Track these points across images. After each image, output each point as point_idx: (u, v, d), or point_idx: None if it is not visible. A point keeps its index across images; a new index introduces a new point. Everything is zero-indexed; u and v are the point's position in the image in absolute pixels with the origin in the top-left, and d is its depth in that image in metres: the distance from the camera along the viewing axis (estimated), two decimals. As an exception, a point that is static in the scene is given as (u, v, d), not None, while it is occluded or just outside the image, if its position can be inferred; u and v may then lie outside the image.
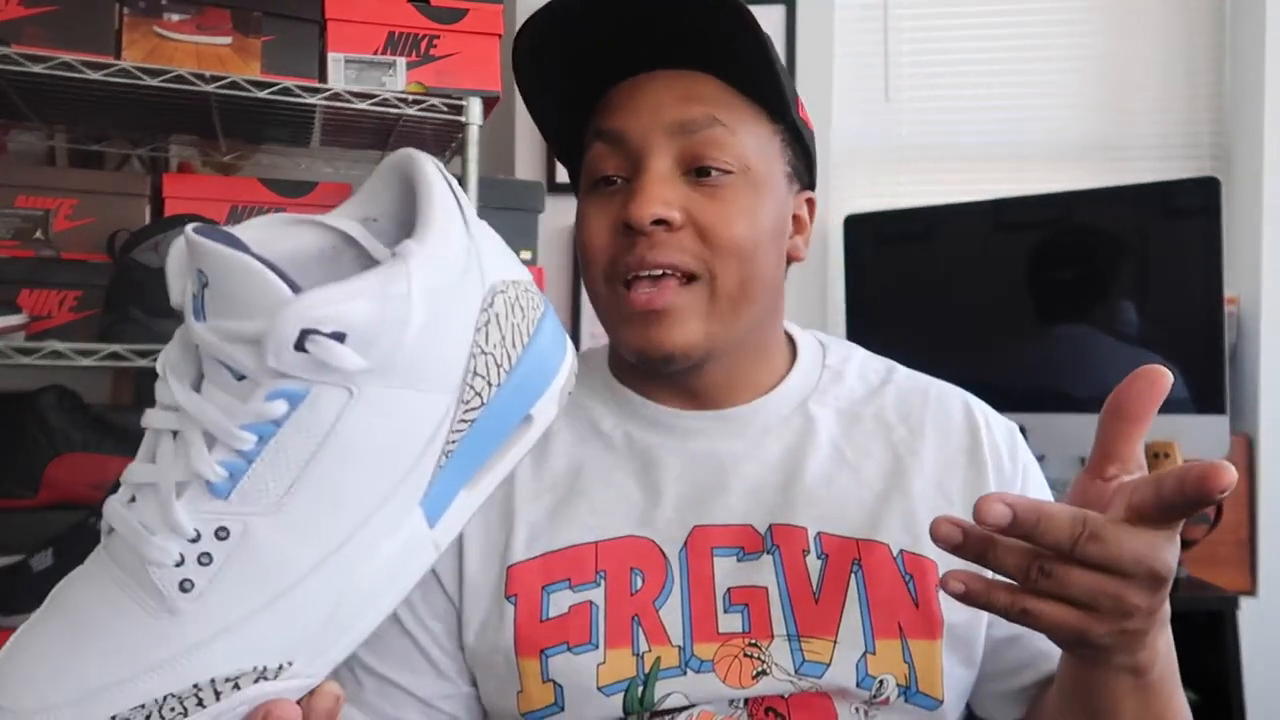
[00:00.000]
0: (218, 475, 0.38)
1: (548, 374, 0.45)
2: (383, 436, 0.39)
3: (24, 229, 1.42)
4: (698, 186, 0.66)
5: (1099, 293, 1.79)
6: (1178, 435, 1.67)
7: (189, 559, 0.37)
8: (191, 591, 0.37)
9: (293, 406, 0.38)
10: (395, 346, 0.38)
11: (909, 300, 1.96)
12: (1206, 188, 1.68)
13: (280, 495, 0.38)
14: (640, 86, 0.68)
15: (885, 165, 2.20)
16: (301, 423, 0.38)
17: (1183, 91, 2.12)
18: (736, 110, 0.67)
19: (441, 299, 0.40)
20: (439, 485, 0.42)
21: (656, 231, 0.64)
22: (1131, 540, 0.45)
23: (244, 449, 0.38)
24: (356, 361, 0.37)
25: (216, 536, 0.37)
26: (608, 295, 0.68)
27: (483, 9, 1.45)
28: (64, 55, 1.24)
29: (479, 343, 0.42)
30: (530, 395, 0.44)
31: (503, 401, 0.43)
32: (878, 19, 2.15)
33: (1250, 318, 1.98)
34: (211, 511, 0.37)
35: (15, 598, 1.15)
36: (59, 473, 1.25)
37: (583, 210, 0.70)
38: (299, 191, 1.53)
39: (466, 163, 1.42)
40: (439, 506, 0.42)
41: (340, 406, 0.38)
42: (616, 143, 0.67)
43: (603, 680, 0.63)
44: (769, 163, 0.69)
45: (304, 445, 0.38)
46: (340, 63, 1.38)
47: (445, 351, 0.41)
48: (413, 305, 0.38)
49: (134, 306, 1.30)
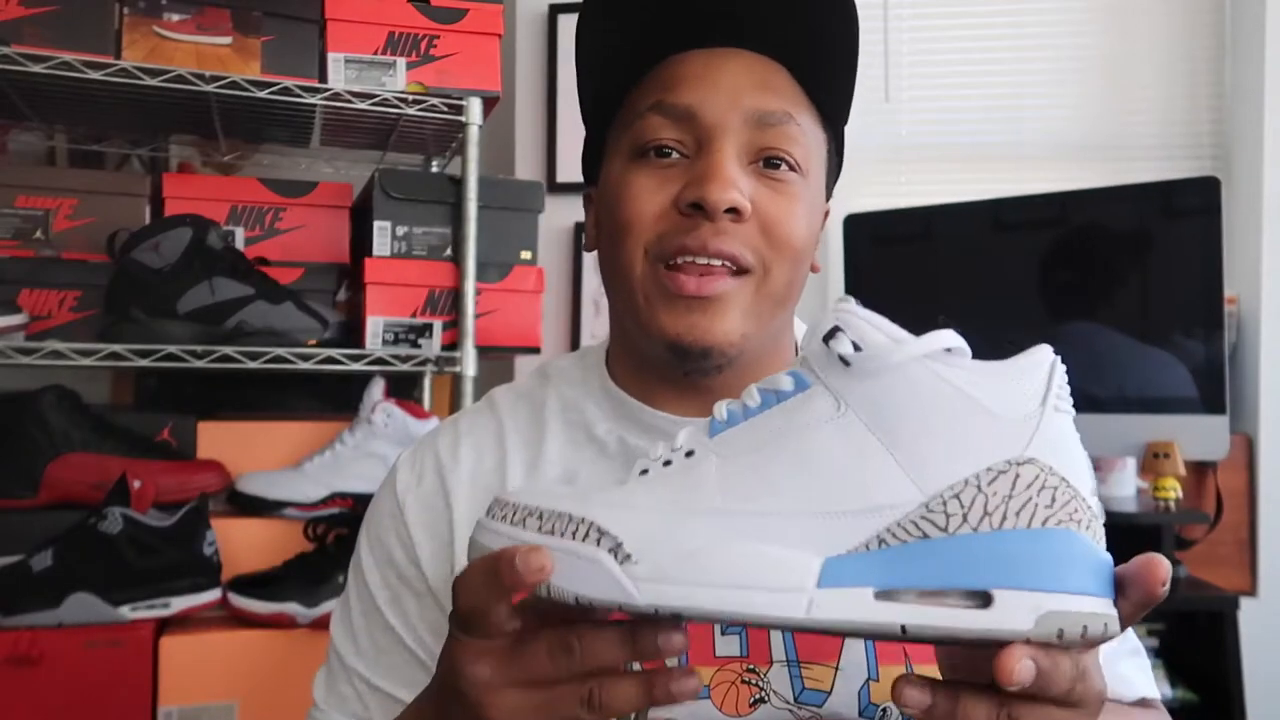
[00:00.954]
0: (721, 415, 0.45)
1: (1036, 577, 0.38)
2: (840, 467, 0.41)
3: (24, 229, 1.42)
4: (764, 179, 0.62)
5: (1099, 292, 1.79)
6: (1178, 435, 1.67)
7: (662, 458, 0.45)
8: (644, 476, 0.44)
9: (796, 389, 0.43)
10: (896, 391, 0.40)
11: (909, 300, 1.95)
12: (1206, 187, 1.68)
13: (742, 451, 0.43)
14: (715, 64, 0.62)
15: (885, 165, 2.20)
16: (792, 408, 0.43)
17: (1183, 91, 2.12)
18: (805, 111, 0.64)
19: (968, 411, 0.40)
20: (856, 562, 0.39)
21: (725, 219, 0.60)
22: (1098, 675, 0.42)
23: (750, 404, 0.44)
24: (848, 351, 0.41)
25: (686, 454, 0.44)
26: (647, 273, 0.62)
27: (483, 9, 1.45)
28: (64, 55, 1.24)
29: (980, 477, 0.39)
30: (1000, 576, 0.38)
31: (963, 551, 0.38)
32: (878, 19, 2.15)
33: (1250, 318, 1.98)
34: (699, 440, 0.44)
35: (15, 598, 1.15)
36: (59, 473, 1.25)
37: (626, 180, 0.63)
38: (299, 191, 1.54)
39: (466, 163, 1.42)
40: (838, 577, 0.39)
41: (824, 414, 0.42)
42: (684, 119, 0.62)
43: None
44: (820, 170, 0.66)
45: (781, 426, 0.42)
46: (340, 63, 1.38)
47: (942, 449, 0.40)
48: (937, 382, 0.40)
49: (134, 306, 1.30)
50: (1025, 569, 0.38)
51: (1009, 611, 0.37)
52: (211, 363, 1.29)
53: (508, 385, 0.77)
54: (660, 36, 0.63)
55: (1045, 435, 0.40)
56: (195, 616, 1.23)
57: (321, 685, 0.71)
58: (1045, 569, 0.38)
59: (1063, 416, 0.41)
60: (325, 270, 1.51)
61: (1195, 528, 1.86)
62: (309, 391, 1.62)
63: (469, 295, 1.42)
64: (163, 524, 1.20)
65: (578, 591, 0.41)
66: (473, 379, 1.41)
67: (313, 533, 1.30)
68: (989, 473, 0.39)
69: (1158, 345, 1.71)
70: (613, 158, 0.66)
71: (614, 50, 0.65)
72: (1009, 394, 0.40)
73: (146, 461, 1.28)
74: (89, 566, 1.16)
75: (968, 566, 0.38)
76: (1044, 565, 0.38)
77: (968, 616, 0.38)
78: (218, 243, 1.34)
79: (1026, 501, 0.39)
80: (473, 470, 0.69)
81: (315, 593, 1.24)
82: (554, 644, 0.43)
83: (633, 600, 0.40)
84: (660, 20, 0.62)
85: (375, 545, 0.71)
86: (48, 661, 1.13)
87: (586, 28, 0.67)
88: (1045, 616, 0.37)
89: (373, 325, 1.41)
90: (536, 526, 0.42)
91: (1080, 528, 0.39)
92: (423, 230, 1.44)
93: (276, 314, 1.36)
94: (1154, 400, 1.71)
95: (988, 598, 0.38)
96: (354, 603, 0.71)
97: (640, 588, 0.40)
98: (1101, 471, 1.80)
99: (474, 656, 0.44)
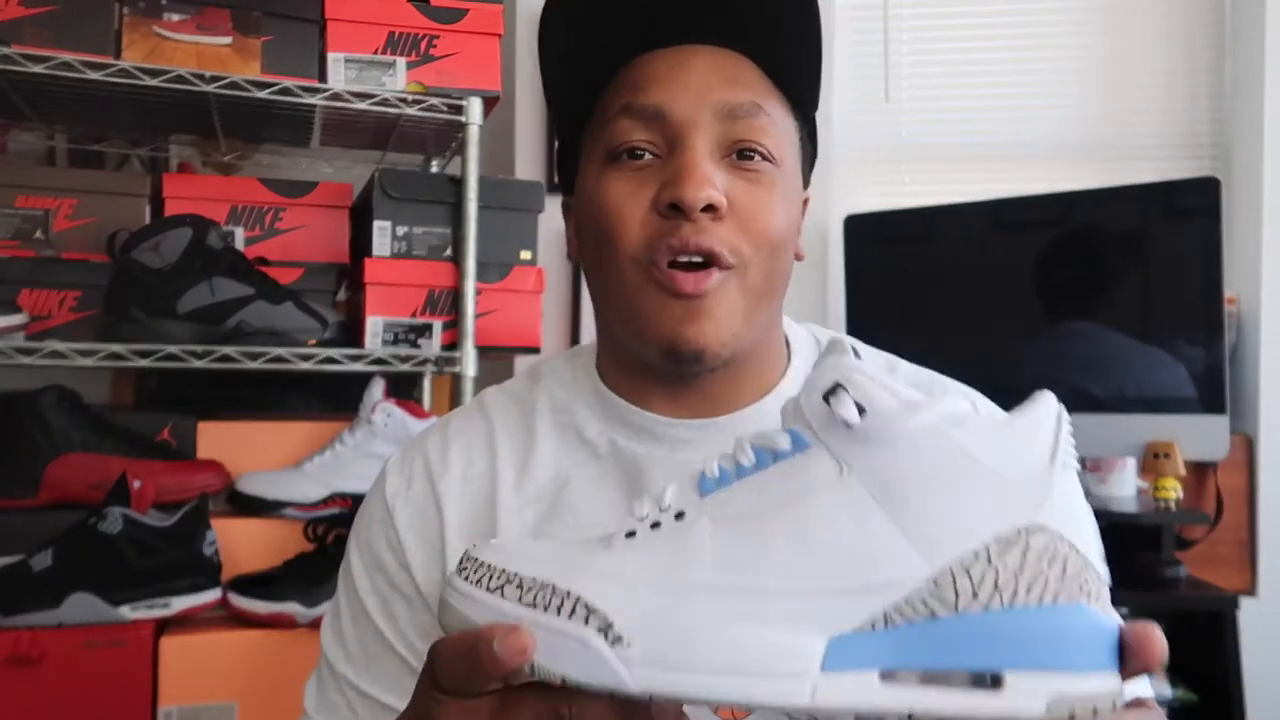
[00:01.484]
0: (712, 473, 0.42)
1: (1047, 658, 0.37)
2: (843, 539, 0.39)
3: (24, 229, 1.42)
4: (737, 171, 0.62)
5: (1099, 292, 1.79)
6: (1178, 435, 1.67)
7: (650, 519, 0.42)
8: (631, 539, 0.41)
9: (794, 450, 0.41)
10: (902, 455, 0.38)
11: (909, 300, 1.96)
12: (1206, 188, 1.68)
13: (737, 517, 0.40)
14: (681, 62, 0.62)
15: (885, 165, 2.20)
16: (790, 470, 0.40)
17: (1183, 91, 2.12)
18: (774, 101, 0.64)
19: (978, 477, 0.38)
20: (861, 642, 0.38)
21: (703, 217, 0.59)
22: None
23: (743, 461, 0.42)
24: (854, 418, 0.39)
25: (676, 515, 0.42)
26: (637, 280, 0.62)
27: (483, 9, 1.45)
28: (64, 55, 1.24)
29: (990, 549, 0.37)
30: (1016, 657, 0.37)
31: (973, 631, 0.37)
32: (878, 19, 2.15)
33: (1250, 318, 1.98)
34: (690, 499, 0.42)
35: (15, 598, 1.15)
36: (59, 473, 1.25)
37: (603, 185, 0.63)
38: (299, 191, 1.54)
39: (466, 162, 1.42)
40: (842, 660, 0.37)
41: (825, 480, 0.39)
42: (653, 119, 0.61)
43: None
44: (795, 159, 0.66)
45: (780, 491, 0.40)
46: (340, 63, 1.38)
47: (951, 520, 0.38)
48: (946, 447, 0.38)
49: (134, 306, 1.30)
50: (1036, 649, 0.37)
51: (1020, 695, 0.36)
52: (211, 363, 1.29)
53: (498, 386, 0.76)
54: (624, 39, 0.63)
55: (1055, 498, 0.39)
56: (195, 616, 1.23)
57: (312, 693, 0.71)
58: (1056, 649, 0.37)
59: (1070, 474, 0.40)
60: (325, 270, 1.51)
61: (1195, 528, 1.86)
62: (309, 391, 1.62)
63: (469, 295, 1.42)
64: (163, 524, 1.20)
65: (566, 673, 0.39)
66: (473, 379, 1.41)
67: (313, 533, 1.30)
68: (998, 543, 0.38)
69: (1158, 345, 1.71)
70: (588, 164, 0.65)
71: (580, 56, 0.65)
72: (1019, 454, 0.39)
73: (146, 461, 1.28)
74: (89, 566, 1.16)
75: (978, 647, 0.37)
76: (1055, 645, 0.37)
77: (978, 701, 0.37)
78: (218, 243, 1.34)
79: (1038, 575, 0.37)
80: (463, 473, 0.69)
81: (315, 593, 1.24)
82: (543, 712, 0.41)
83: (626, 686, 0.38)
84: (623, 23, 0.62)
85: (364, 551, 0.71)
86: (48, 661, 1.13)
87: (550, 34, 0.66)
88: (1057, 700, 0.36)
89: (372, 325, 1.41)
90: (517, 596, 0.40)
91: (1090, 600, 0.38)
92: (423, 230, 1.44)
93: (276, 314, 1.36)
94: (1154, 400, 1.71)
95: (998, 680, 0.37)
96: (343, 609, 0.71)
97: (634, 672, 0.38)
98: (1101, 471, 1.80)
99: (460, 711, 0.42)
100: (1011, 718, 0.36)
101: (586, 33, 0.63)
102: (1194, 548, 1.84)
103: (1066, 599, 0.37)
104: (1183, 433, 1.67)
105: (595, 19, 0.63)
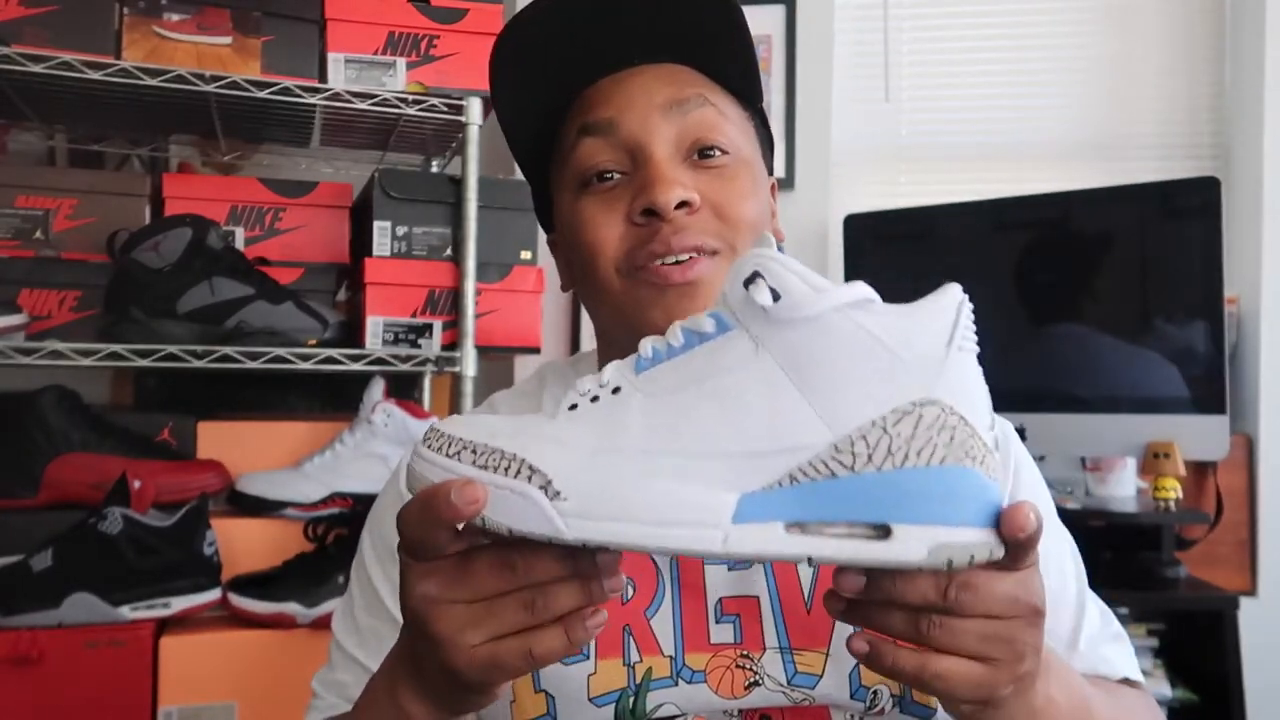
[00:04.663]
0: (646, 353, 0.46)
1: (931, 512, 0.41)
2: (756, 409, 0.43)
3: (24, 229, 1.42)
4: (701, 168, 0.65)
5: (1099, 292, 1.79)
6: (1178, 435, 1.67)
7: (590, 394, 0.46)
8: (574, 411, 0.46)
9: (717, 332, 0.45)
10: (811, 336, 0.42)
11: (909, 300, 1.95)
12: (1206, 188, 1.68)
13: (665, 390, 0.44)
14: (623, 80, 0.67)
15: (885, 165, 2.20)
16: (713, 351, 0.44)
17: (1183, 91, 2.12)
18: (719, 94, 0.68)
19: (879, 356, 0.42)
20: (768, 498, 0.42)
21: (679, 216, 0.63)
22: (1001, 582, 0.45)
23: (674, 343, 0.46)
24: (766, 301, 0.42)
25: (613, 390, 0.46)
26: (625, 287, 0.65)
27: (483, 9, 1.45)
28: (64, 55, 1.24)
29: (887, 419, 0.42)
30: (904, 511, 0.41)
31: (867, 488, 0.42)
32: (878, 19, 2.15)
33: (1250, 318, 1.98)
34: (626, 376, 0.46)
35: (15, 598, 1.15)
36: (59, 473, 1.25)
37: (578, 211, 0.67)
38: (299, 191, 1.54)
39: (466, 162, 1.42)
40: (753, 513, 0.42)
41: (741, 357, 0.43)
42: (608, 133, 0.65)
43: (594, 691, 0.62)
44: (751, 146, 0.70)
45: (702, 367, 0.44)
46: (340, 63, 1.38)
47: (853, 393, 0.42)
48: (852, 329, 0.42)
49: (134, 306, 1.30)
50: (922, 504, 0.41)
51: (905, 543, 0.41)
52: (211, 363, 1.29)
53: (506, 390, 0.79)
54: (570, 73, 0.68)
55: (949, 376, 0.43)
56: (195, 616, 1.23)
57: (322, 679, 0.73)
58: (939, 504, 0.41)
59: (966, 356, 0.44)
60: (325, 270, 1.51)
61: (1195, 528, 1.86)
62: (309, 391, 1.62)
63: (469, 295, 1.42)
64: (163, 524, 1.20)
65: (511, 524, 0.43)
66: (472, 379, 1.42)
67: (313, 533, 1.30)
68: (895, 414, 0.42)
69: (1158, 345, 1.71)
70: (560, 196, 0.70)
71: (533, 96, 0.70)
72: (918, 337, 0.43)
73: (146, 461, 1.28)
74: (89, 566, 1.16)
75: (870, 503, 0.42)
76: (940, 501, 0.41)
77: (868, 548, 0.42)
78: (218, 243, 1.34)
79: (927, 441, 0.42)
80: None
81: (315, 593, 1.24)
82: (496, 562, 0.45)
83: (561, 535, 0.43)
84: (566, 59, 0.67)
85: (378, 542, 0.73)
86: (48, 661, 1.13)
87: (502, 84, 0.71)
88: (937, 549, 0.41)
89: (373, 325, 1.41)
90: (471, 460, 0.44)
91: (975, 463, 0.42)
92: (423, 230, 1.44)
93: (276, 314, 1.36)
94: (1154, 400, 1.71)
95: (887, 530, 0.41)
96: (357, 599, 0.73)
97: (569, 523, 0.42)
98: (1101, 471, 1.80)
99: (420, 576, 0.46)
100: (896, 563, 0.41)
101: (535, 74, 0.68)
102: (1194, 548, 1.84)
103: (954, 461, 0.42)
104: (1183, 433, 1.67)
105: (542, 55, 0.68)
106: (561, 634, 0.45)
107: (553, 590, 0.45)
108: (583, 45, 0.67)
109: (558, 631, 0.45)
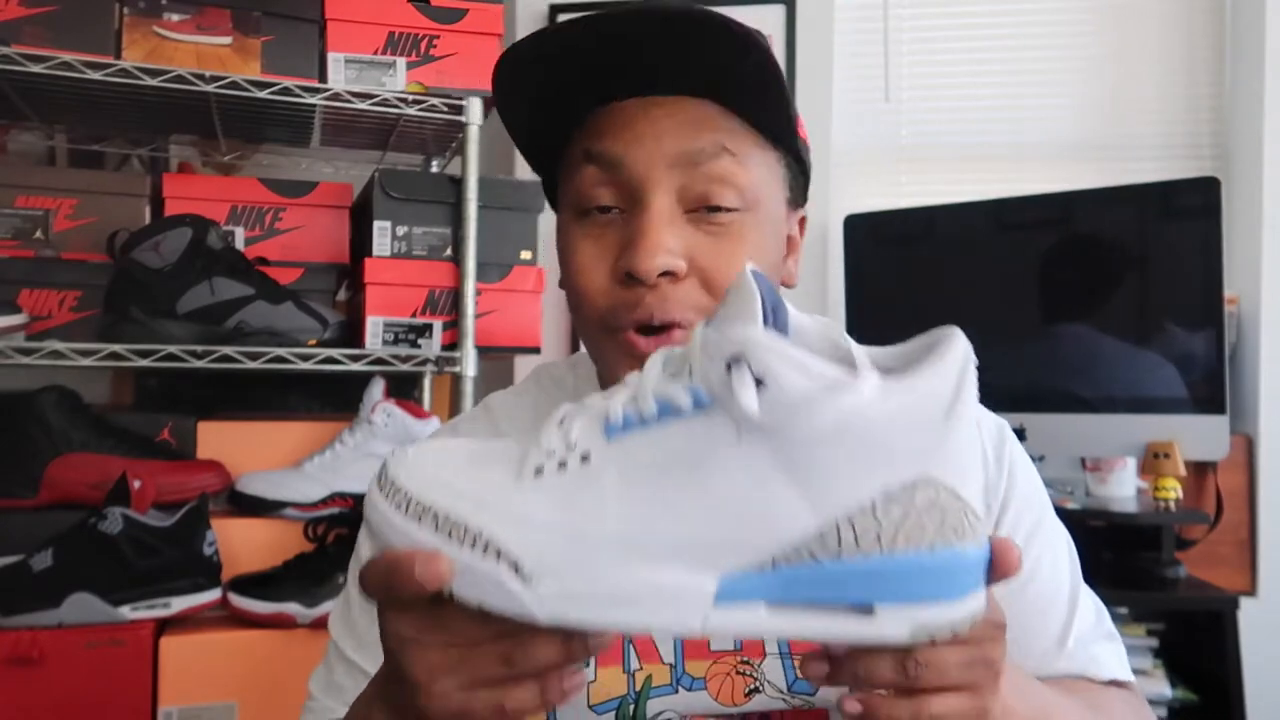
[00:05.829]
0: (616, 418, 0.43)
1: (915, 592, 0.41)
2: (739, 495, 0.41)
3: (24, 229, 1.42)
4: (702, 226, 0.62)
5: (1099, 293, 1.79)
6: (1178, 435, 1.67)
7: (557, 456, 0.43)
8: (537, 478, 0.43)
9: (695, 410, 0.41)
10: (799, 428, 0.39)
11: (909, 300, 1.95)
12: (1206, 188, 1.68)
13: (640, 465, 0.42)
14: (638, 111, 0.63)
15: (885, 165, 2.20)
16: (691, 428, 0.41)
17: (1183, 91, 2.12)
18: (742, 138, 0.63)
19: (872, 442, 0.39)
20: (751, 581, 0.41)
21: (661, 283, 0.60)
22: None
23: (645, 413, 0.43)
24: (752, 406, 0.39)
25: (582, 457, 0.43)
26: (600, 340, 0.65)
27: (483, 9, 1.46)
28: (64, 55, 1.24)
29: (876, 504, 0.40)
30: (887, 592, 0.40)
31: (852, 573, 0.40)
32: (878, 19, 2.15)
33: (1250, 318, 1.98)
34: (595, 441, 0.43)
35: (15, 598, 1.15)
36: (59, 473, 1.25)
37: (571, 241, 0.65)
38: (299, 191, 1.54)
39: (466, 162, 1.42)
40: (734, 594, 0.41)
41: (724, 440, 0.40)
42: (613, 169, 0.62)
43: (594, 699, 0.62)
44: (773, 192, 0.66)
45: (680, 446, 0.41)
46: (340, 63, 1.38)
47: (842, 479, 0.40)
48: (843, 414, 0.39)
49: (134, 306, 1.30)
50: (907, 586, 0.41)
51: (888, 623, 0.41)
52: (211, 363, 1.30)
53: (503, 390, 0.78)
54: (591, 84, 0.63)
55: (945, 450, 0.41)
56: (195, 616, 1.23)
57: (319, 680, 0.72)
58: (926, 584, 0.41)
59: (964, 423, 0.41)
60: (325, 270, 1.51)
61: (1195, 528, 1.86)
62: (309, 391, 1.62)
63: (469, 295, 1.42)
64: (163, 524, 1.20)
65: (480, 601, 0.41)
66: (473, 379, 1.42)
67: (313, 533, 1.30)
68: (884, 498, 0.40)
69: (1158, 345, 1.72)
70: (562, 207, 0.67)
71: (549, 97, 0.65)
72: (916, 414, 0.40)
73: (146, 461, 1.28)
74: (89, 566, 1.16)
75: (854, 585, 0.41)
76: (925, 581, 0.41)
77: (850, 628, 0.41)
78: (218, 243, 1.34)
79: (917, 524, 0.40)
80: None
81: (315, 593, 1.24)
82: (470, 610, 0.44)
83: (534, 618, 0.41)
84: (591, 69, 0.62)
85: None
86: (48, 661, 1.13)
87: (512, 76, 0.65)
88: (919, 629, 0.41)
89: (373, 325, 1.41)
90: (432, 527, 0.42)
91: (962, 538, 0.41)
92: (423, 230, 1.44)
93: (276, 314, 1.36)
94: (1154, 400, 1.71)
95: (869, 609, 0.41)
96: (353, 600, 0.73)
97: (542, 606, 0.41)
98: (1101, 471, 1.80)
99: (396, 614, 0.45)
100: (878, 641, 0.41)
101: (557, 74, 0.63)
102: (1194, 548, 1.84)
103: (942, 544, 0.40)
104: (1183, 433, 1.67)
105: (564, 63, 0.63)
106: (537, 692, 0.44)
107: (531, 644, 0.43)
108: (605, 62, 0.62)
109: (533, 688, 0.44)
